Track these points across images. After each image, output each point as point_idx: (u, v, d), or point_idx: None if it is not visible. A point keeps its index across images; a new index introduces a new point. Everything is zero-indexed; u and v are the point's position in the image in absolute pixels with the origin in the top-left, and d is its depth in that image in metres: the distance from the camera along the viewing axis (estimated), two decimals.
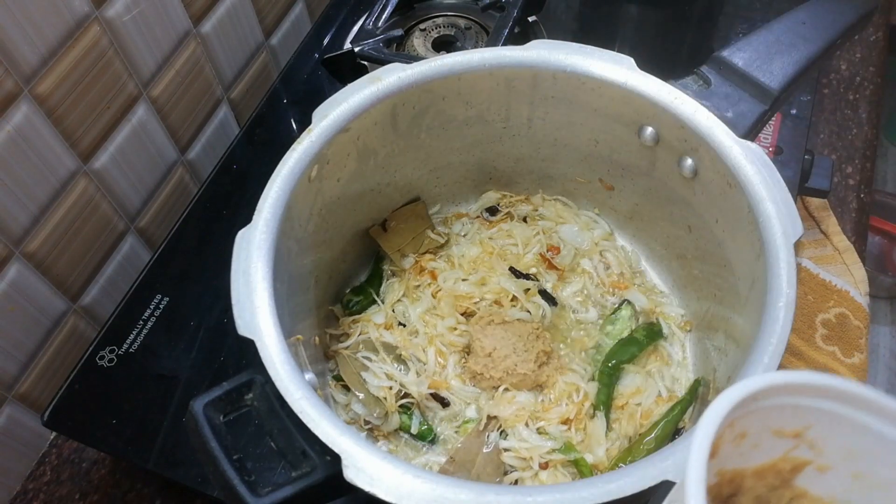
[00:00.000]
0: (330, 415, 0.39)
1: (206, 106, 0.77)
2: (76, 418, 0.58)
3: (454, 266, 0.63)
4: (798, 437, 0.33)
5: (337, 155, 0.53)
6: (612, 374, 0.57)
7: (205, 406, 0.41)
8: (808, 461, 0.34)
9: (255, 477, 0.39)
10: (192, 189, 0.78)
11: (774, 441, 0.34)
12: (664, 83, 0.53)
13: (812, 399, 0.32)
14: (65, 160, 0.62)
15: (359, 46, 0.74)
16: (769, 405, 0.31)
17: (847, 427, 0.32)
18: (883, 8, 0.96)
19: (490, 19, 0.78)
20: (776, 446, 0.34)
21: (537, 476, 0.53)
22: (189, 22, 0.71)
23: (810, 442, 0.34)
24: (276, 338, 0.42)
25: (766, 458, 0.34)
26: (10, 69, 0.54)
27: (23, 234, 0.60)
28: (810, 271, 0.73)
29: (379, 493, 0.37)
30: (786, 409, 0.32)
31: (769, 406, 0.31)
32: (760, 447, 0.33)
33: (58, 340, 0.66)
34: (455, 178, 0.66)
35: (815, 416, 0.32)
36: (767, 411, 0.32)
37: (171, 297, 0.63)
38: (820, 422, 0.33)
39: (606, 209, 0.66)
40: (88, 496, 0.63)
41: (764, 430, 0.33)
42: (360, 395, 0.57)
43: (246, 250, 0.46)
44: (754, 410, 0.31)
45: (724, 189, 0.50)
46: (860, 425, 0.32)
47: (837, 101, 0.87)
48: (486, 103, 0.58)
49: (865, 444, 0.33)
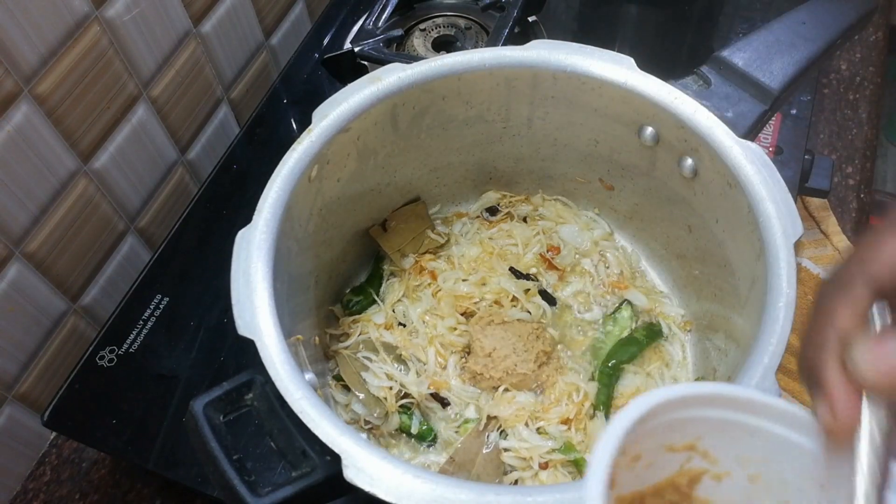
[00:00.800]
0: (330, 415, 0.39)
1: (206, 106, 0.77)
2: (76, 418, 0.58)
3: (454, 266, 0.63)
4: (691, 450, 0.33)
5: (337, 155, 0.53)
6: (612, 374, 0.57)
7: (205, 406, 0.41)
8: (704, 470, 0.34)
9: (255, 477, 0.39)
10: (192, 189, 0.78)
11: (668, 457, 0.33)
12: (664, 83, 0.52)
13: (697, 410, 0.32)
14: (65, 160, 0.62)
15: (359, 46, 0.74)
16: (657, 423, 0.31)
17: (735, 431, 0.32)
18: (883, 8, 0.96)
19: (490, 19, 0.77)
20: (671, 461, 0.34)
21: (537, 476, 0.53)
22: (189, 22, 0.71)
23: (703, 452, 0.34)
24: (276, 338, 0.42)
25: (662, 475, 0.34)
26: (10, 69, 0.54)
27: (23, 234, 0.60)
28: (810, 271, 0.73)
29: (379, 493, 0.37)
30: (674, 423, 0.32)
31: (658, 424, 0.31)
32: (655, 465, 0.33)
33: (58, 340, 0.66)
34: (455, 178, 0.66)
35: (704, 426, 0.33)
36: (657, 430, 0.32)
37: (171, 297, 0.63)
38: (709, 431, 0.33)
39: (606, 209, 0.66)
40: (88, 496, 0.63)
41: (657, 449, 0.33)
42: (360, 395, 0.57)
43: (246, 250, 0.46)
44: (644, 432, 0.31)
45: (724, 189, 0.50)
46: (747, 427, 0.32)
47: (837, 101, 0.87)
48: (486, 103, 0.58)
49: (756, 446, 0.33)
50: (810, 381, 0.31)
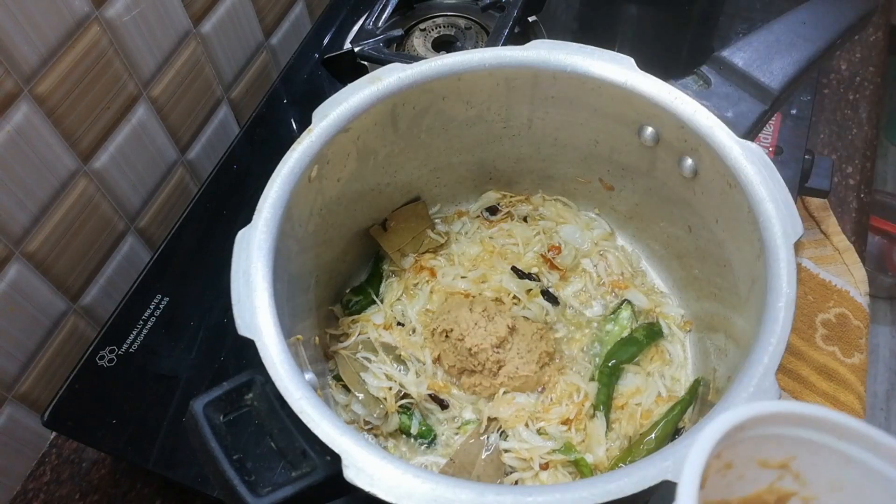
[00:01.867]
0: (330, 415, 0.39)
1: (206, 106, 0.77)
2: (76, 418, 0.58)
3: (454, 264, 0.63)
4: (783, 468, 0.33)
5: (337, 155, 0.53)
6: (612, 374, 0.57)
7: (205, 406, 0.40)
8: (794, 492, 0.34)
9: (255, 477, 0.39)
10: (192, 189, 0.78)
11: (759, 472, 0.33)
12: (664, 83, 0.52)
13: (798, 429, 0.32)
14: (65, 160, 0.62)
15: (359, 46, 0.74)
16: (755, 435, 0.31)
17: (833, 458, 0.32)
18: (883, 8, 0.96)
19: (490, 19, 0.78)
20: (761, 477, 0.33)
21: (538, 476, 0.53)
22: (189, 22, 0.71)
23: (795, 473, 0.33)
24: (276, 338, 0.42)
25: (751, 489, 0.34)
26: (10, 69, 0.54)
27: (23, 234, 0.60)
28: (810, 271, 0.73)
29: (379, 493, 0.37)
30: (771, 439, 0.32)
31: (755, 436, 0.31)
32: (745, 478, 0.33)
33: (58, 340, 0.66)
34: (455, 178, 0.66)
35: (801, 447, 0.32)
36: (753, 441, 0.31)
37: (171, 297, 0.63)
38: (805, 452, 0.32)
39: (606, 209, 0.66)
40: (88, 496, 0.63)
41: (749, 461, 0.33)
42: (359, 396, 0.57)
43: (246, 250, 0.46)
44: (740, 440, 0.31)
45: (724, 189, 0.50)
46: (845, 456, 0.32)
47: (837, 101, 0.87)
48: (486, 103, 0.58)
49: (851, 476, 0.32)
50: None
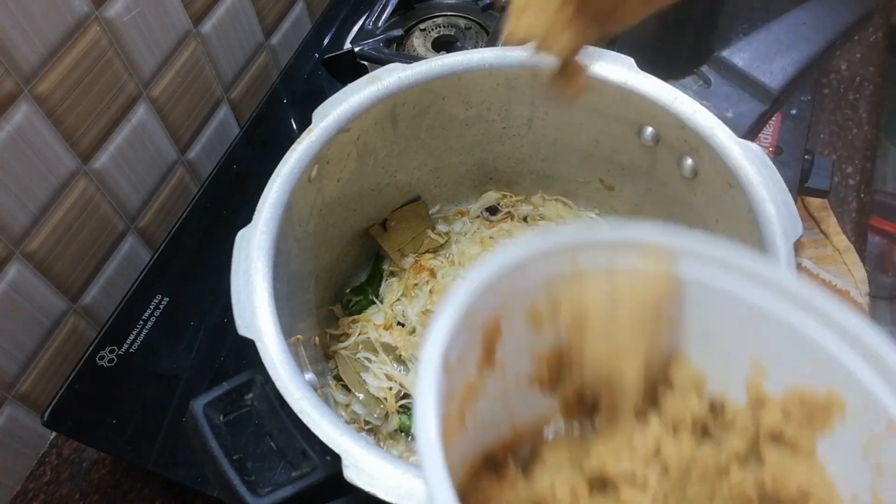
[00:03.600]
0: (330, 415, 0.39)
1: (206, 106, 0.77)
2: (76, 418, 0.58)
3: (454, 264, 0.63)
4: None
5: (337, 155, 0.53)
6: None
7: (205, 406, 0.41)
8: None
9: (255, 477, 0.39)
10: (192, 189, 0.78)
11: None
12: (664, 83, 0.52)
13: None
14: (65, 160, 0.62)
15: (359, 46, 0.74)
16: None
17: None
18: (883, 8, 0.96)
19: (490, 19, 0.78)
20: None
21: None
22: (189, 22, 0.71)
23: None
24: (276, 338, 0.42)
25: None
26: (10, 69, 0.54)
27: (23, 234, 0.60)
28: (810, 271, 0.73)
29: (379, 493, 0.37)
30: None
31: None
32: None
33: (58, 340, 0.66)
34: (455, 178, 0.66)
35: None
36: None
37: (171, 297, 0.63)
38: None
39: (606, 209, 0.66)
40: (88, 496, 0.63)
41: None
42: (360, 396, 0.57)
43: (246, 250, 0.46)
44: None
45: (724, 189, 0.50)
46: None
47: (837, 101, 0.87)
48: (487, 103, 0.58)
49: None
50: None
